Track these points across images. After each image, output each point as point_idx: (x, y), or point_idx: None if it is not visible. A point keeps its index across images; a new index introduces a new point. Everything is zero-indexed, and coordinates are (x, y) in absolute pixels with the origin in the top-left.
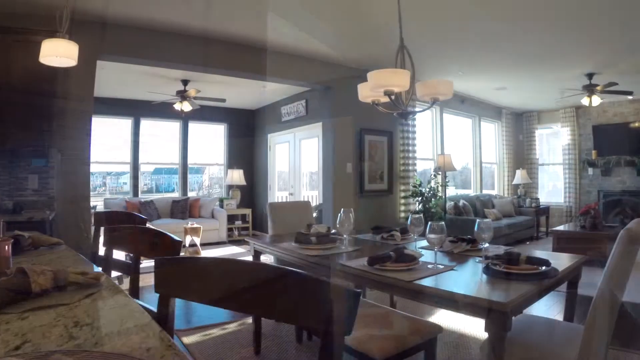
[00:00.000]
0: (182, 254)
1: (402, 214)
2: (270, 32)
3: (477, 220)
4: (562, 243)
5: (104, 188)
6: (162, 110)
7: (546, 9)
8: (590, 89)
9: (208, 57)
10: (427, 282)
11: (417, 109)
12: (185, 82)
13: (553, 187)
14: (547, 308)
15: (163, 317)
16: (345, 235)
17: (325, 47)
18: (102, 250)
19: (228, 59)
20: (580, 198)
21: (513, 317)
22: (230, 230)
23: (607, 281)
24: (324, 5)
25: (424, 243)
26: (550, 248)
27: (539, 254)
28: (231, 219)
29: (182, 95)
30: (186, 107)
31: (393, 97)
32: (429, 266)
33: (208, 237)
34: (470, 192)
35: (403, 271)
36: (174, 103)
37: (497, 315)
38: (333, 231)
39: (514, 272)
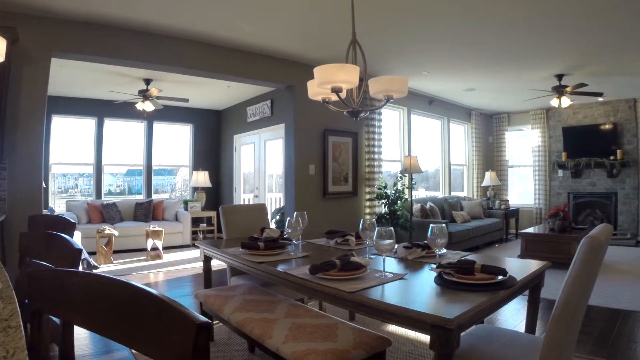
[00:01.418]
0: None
1: (367, 217)
2: (233, 31)
3: (431, 225)
4: (531, 245)
5: (75, 190)
6: (125, 110)
7: (515, 9)
8: (559, 90)
9: (170, 55)
10: (372, 292)
11: (377, 108)
12: (147, 82)
13: (523, 189)
14: (516, 312)
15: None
16: (294, 240)
17: (288, 45)
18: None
19: (191, 58)
20: (550, 200)
21: (471, 328)
22: (194, 233)
23: (568, 291)
24: (287, 3)
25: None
26: (520, 250)
27: (506, 258)
28: (196, 221)
29: (144, 95)
30: (148, 107)
31: (341, 94)
32: (377, 275)
33: (172, 240)
34: (439, 194)
35: (347, 280)
36: (137, 103)
37: (441, 332)
38: (286, 235)
39: (467, 282)
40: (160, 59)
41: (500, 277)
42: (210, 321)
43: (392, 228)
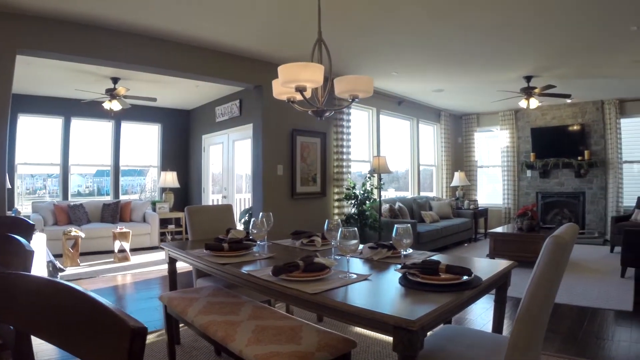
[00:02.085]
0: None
1: (336, 217)
2: (201, 29)
3: (396, 225)
4: (499, 245)
5: (44, 191)
6: (93, 110)
7: (483, 13)
8: (528, 92)
9: (138, 53)
10: (335, 294)
11: (343, 107)
12: (115, 80)
13: (492, 189)
14: (485, 311)
15: None
16: (259, 242)
17: (256, 45)
18: None
19: (159, 56)
20: (519, 199)
21: (438, 328)
22: (163, 234)
23: (532, 291)
24: (255, 1)
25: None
26: (488, 250)
27: (473, 258)
28: (164, 222)
29: (112, 94)
30: (116, 106)
31: (306, 93)
32: (341, 276)
33: (139, 242)
34: (408, 195)
35: (310, 282)
36: (104, 102)
37: (404, 334)
38: (251, 237)
39: (432, 283)
40: (128, 57)
41: (465, 278)
42: (145, 327)
43: (355, 229)
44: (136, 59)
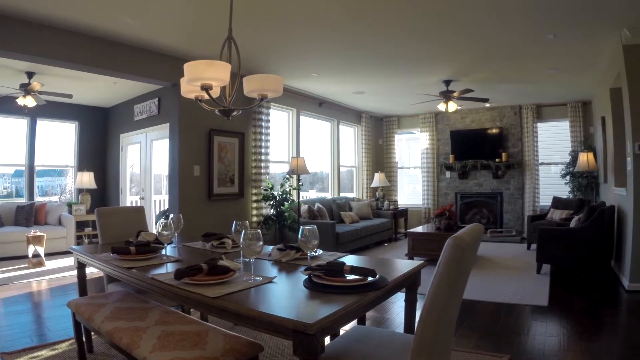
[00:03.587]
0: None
1: (255, 219)
2: (117, 24)
3: (301, 227)
4: (418, 244)
5: None
6: (6, 105)
7: (403, 15)
8: (447, 95)
9: (52, 47)
10: (236, 297)
11: (252, 107)
12: (30, 75)
13: (412, 190)
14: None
15: None
16: (167, 244)
17: (173, 41)
18: None
19: (74, 51)
20: (438, 200)
21: (348, 329)
22: (79, 238)
23: (434, 292)
24: None
25: (267, 250)
26: (407, 249)
27: (384, 258)
28: (81, 225)
29: (26, 89)
30: (30, 102)
31: (213, 92)
32: (245, 279)
33: (55, 246)
34: (329, 195)
35: (213, 285)
36: (18, 97)
37: (303, 338)
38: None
39: (335, 284)
40: (41, 51)
41: (370, 279)
42: None
43: (259, 231)
44: (52, 52)
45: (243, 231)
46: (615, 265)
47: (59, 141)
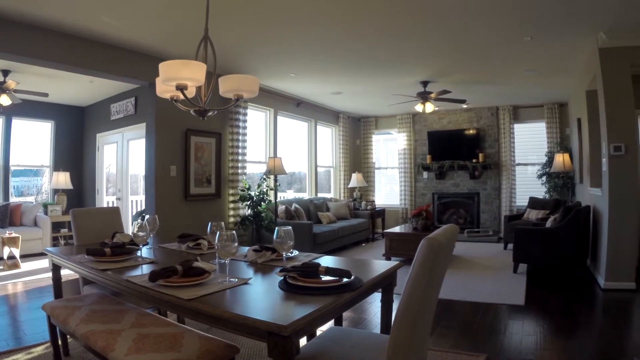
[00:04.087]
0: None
1: (232, 219)
2: (95, 23)
3: (277, 228)
4: (395, 244)
5: None
6: None
7: (381, 17)
8: (424, 96)
9: (28, 45)
10: (211, 299)
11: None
12: (5, 73)
13: (390, 190)
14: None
15: None
16: (142, 246)
17: (150, 40)
18: None
19: (51, 49)
20: (416, 200)
21: (325, 330)
22: (55, 239)
23: (409, 293)
24: None
25: (243, 251)
26: (384, 249)
27: (361, 259)
28: (57, 226)
29: (1, 88)
30: (5, 100)
31: (189, 91)
32: (220, 280)
33: (30, 247)
34: (306, 196)
35: (188, 287)
36: None
37: (278, 339)
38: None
39: (310, 286)
40: (16, 49)
41: (345, 280)
42: None
43: (234, 232)
44: (27, 50)
45: (218, 232)
46: (591, 264)
47: (35, 140)
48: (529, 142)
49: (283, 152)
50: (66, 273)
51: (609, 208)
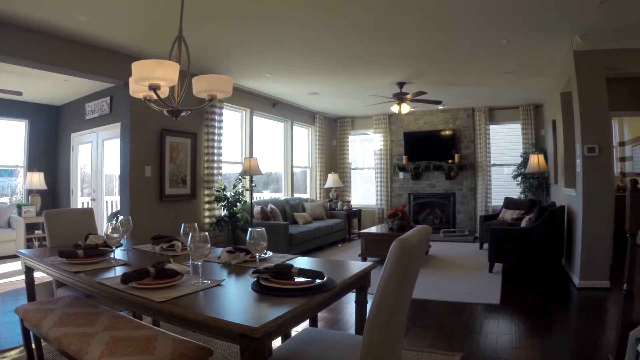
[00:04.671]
0: None
1: (207, 220)
2: (68, 20)
3: (250, 229)
4: (371, 245)
5: None
6: None
7: (358, 17)
8: (400, 97)
9: (3, 42)
10: (183, 301)
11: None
12: None
13: (366, 190)
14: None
15: None
16: (116, 247)
17: (125, 39)
18: None
19: (23, 46)
20: (392, 200)
21: (299, 331)
22: (29, 240)
23: (380, 294)
24: None
25: (217, 252)
26: (360, 249)
27: (336, 260)
28: (31, 228)
29: None
30: None
31: (162, 91)
32: (193, 282)
33: (4, 249)
34: (282, 196)
35: (161, 289)
36: None
37: (250, 342)
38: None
39: (283, 287)
40: None
41: (318, 281)
42: None
43: (206, 233)
44: (1, 48)
45: (190, 234)
46: (565, 263)
47: (9, 140)
48: (505, 143)
49: (259, 152)
50: (40, 275)
51: (583, 208)
